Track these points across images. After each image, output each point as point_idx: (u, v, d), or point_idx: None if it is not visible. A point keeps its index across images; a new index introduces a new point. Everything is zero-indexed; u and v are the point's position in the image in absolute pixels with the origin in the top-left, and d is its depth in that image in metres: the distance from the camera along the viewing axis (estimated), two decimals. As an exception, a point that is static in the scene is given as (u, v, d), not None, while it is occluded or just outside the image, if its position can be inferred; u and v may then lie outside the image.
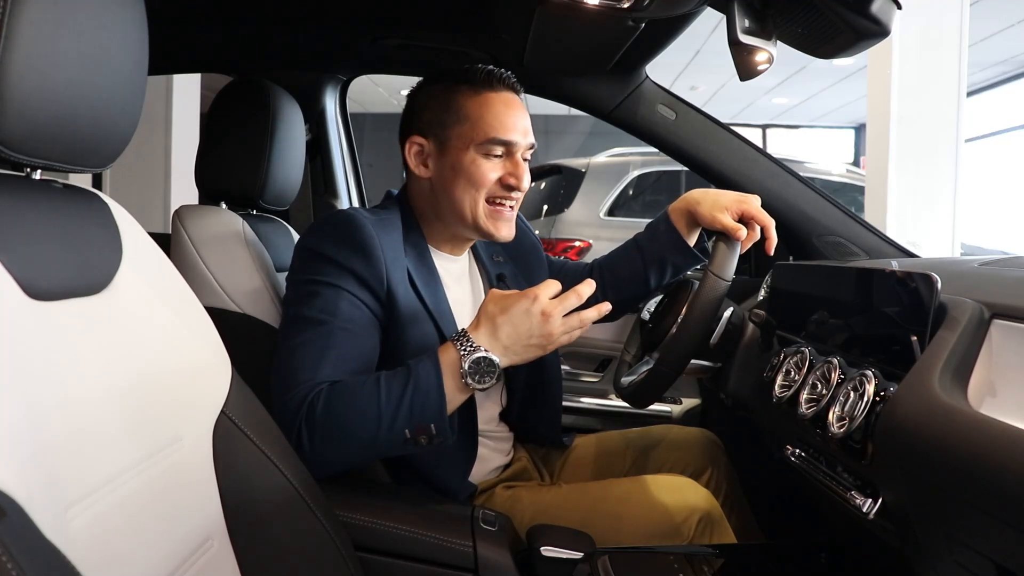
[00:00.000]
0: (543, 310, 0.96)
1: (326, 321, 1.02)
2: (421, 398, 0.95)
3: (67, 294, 0.60)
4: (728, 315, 1.30)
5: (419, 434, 0.95)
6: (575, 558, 0.97)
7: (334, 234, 1.08)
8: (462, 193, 1.13)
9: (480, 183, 1.12)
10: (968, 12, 3.34)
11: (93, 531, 0.55)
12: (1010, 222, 8.15)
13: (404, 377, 0.96)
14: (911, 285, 0.85)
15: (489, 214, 1.14)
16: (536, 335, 0.97)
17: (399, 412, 0.94)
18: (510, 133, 1.13)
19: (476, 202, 1.13)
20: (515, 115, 1.14)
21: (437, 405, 0.95)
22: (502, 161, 1.14)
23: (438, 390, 0.95)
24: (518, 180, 1.13)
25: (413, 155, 1.17)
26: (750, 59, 1.11)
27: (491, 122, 1.12)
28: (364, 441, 0.96)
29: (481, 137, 1.12)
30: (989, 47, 7.05)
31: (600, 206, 4.53)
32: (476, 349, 0.96)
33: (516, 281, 1.32)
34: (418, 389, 0.95)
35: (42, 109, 0.56)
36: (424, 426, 0.95)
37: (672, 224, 1.34)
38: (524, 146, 1.15)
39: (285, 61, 1.76)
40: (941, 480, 0.67)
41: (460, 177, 1.13)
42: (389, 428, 0.95)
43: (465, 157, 1.13)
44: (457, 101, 1.14)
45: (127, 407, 0.63)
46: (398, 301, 1.08)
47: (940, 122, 3.33)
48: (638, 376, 1.30)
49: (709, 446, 1.39)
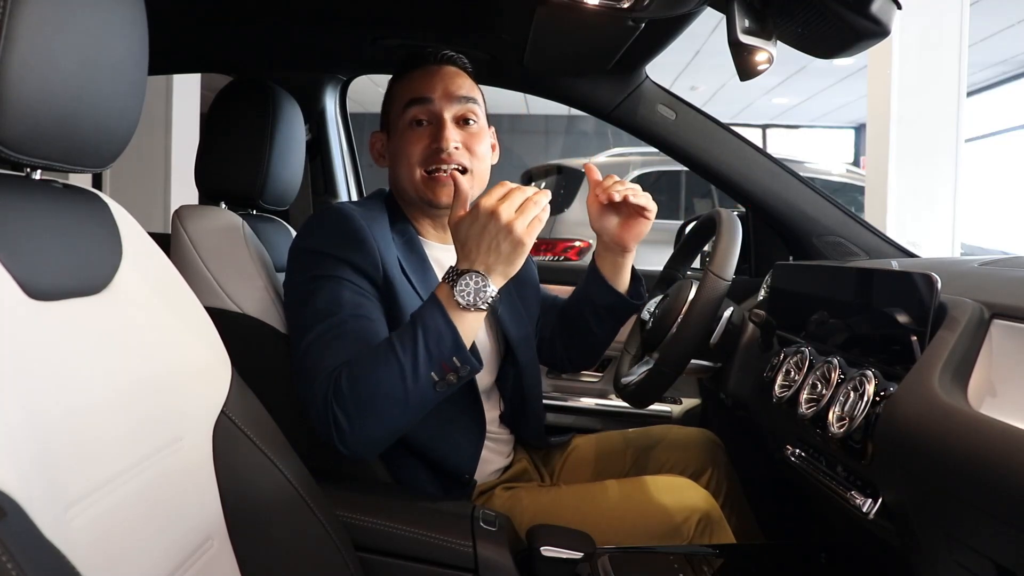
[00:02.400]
0: (490, 210, 0.94)
1: (335, 312, 1.03)
2: (434, 337, 0.95)
3: (67, 294, 0.60)
4: (728, 315, 1.30)
5: (446, 373, 0.95)
6: (575, 558, 0.97)
7: (324, 229, 1.10)
8: (401, 169, 1.18)
9: (409, 154, 1.16)
10: (968, 12, 3.34)
11: (93, 531, 0.55)
12: (1010, 222, 8.15)
13: (411, 326, 0.96)
14: (911, 285, 0.85)
15: (426, 182, 1.16)
16: (500, 236, 0.94)
17: (418, 358, 0.94)
18: (422, 91, 1.16)
19: (412, 174, 1.17)
20: (433, 78, 1.18)
21: (452, 336, 0.95)
22: (426, 128, 1.17)
23: (447, 322, 0.95)
24: (438, 142, 1.14)
25: (376, 150, 1.26)
26: (750, 59, 1.11)
27: (407, 89, 1.18)
28: (397, 399, 0.94)
29: (400, 106, 1.18)
30: (989, 47, 7.05)
31: (600, 206, 4.52)
32: (461, 273, 0.96)
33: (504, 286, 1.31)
34: (428, 329, 0.95)
35: (42, 109, 0.56)
36: (447, 363, 0.95)
37: (595, 268, 1.31)
38: (447, 106, 1.16)
39: (285, 61, 1.76)
40: (941, 480, 0.67)
41: (398, 155, 1.18)
42: (415, 377, 0.94)
43: (397, 135, 1.19)
44: (392, 86, 1.22)
45: (127, 407, 0.63)
46: (394, 285, 1.09)
47: (940, 122, 3.33)
48: (638, 376, 1.30)
49: (709, 446, 1.39)
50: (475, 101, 1.20)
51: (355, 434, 0.95)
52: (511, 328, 1.26)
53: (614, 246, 1.27)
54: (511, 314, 1.28)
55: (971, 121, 6.42)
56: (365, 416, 0.95)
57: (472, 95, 1.20)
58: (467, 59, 1.25)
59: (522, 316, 1.31)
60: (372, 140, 1.26)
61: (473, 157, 1.17)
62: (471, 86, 1.21)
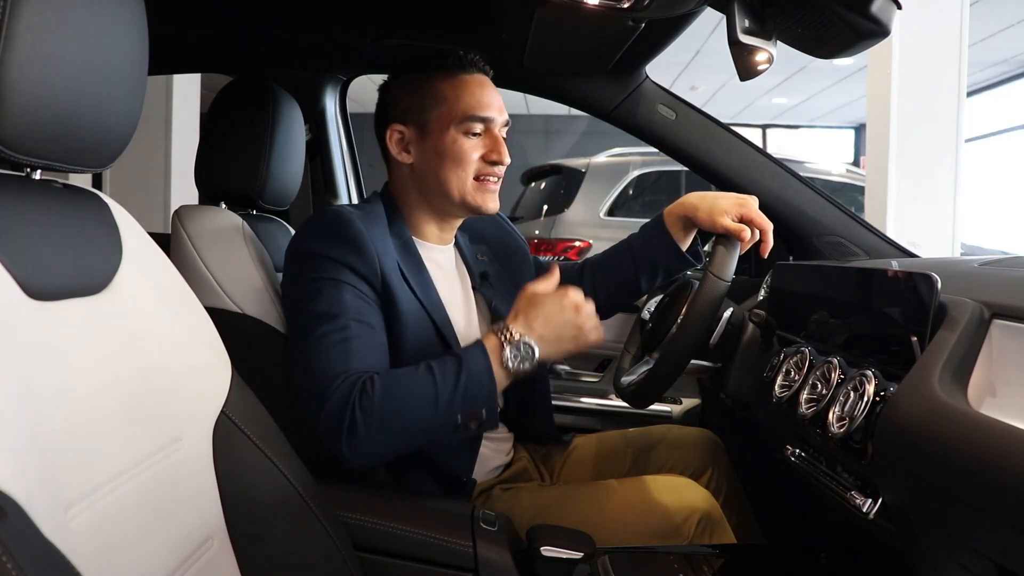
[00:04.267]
0: (575, 304, 1.04)
1: (338, 315, 1.04)
2: (475, 383, 1.00)
3: (67, 294, 0.60)
4: (728, 315, 1.30)
5: (470, 419, 1.00)
6: (575, 558, 0.97)
7: (324, 232, 1.10)
8: (449, 173, 1.17)
9: (465, 161, 1.17)
10: (968, 12, 3.33)
11: (93, 531, 0.55)
12: (1010, 222, 8.14)
13: (456, 364, 1.01)
14: (911, 285, 0.85)
15: (476, 189, 1.18)
16: (570, 326, 1.04)
17: (455, 397, 0.99)
18: (487, 110, 1.17)
19: (464, 180, 1.17)
20: (489, 93, 1.20)
21: (489, 389, 1.00)
22: (481, 139, 1.18)
23: (488, 374, 1.00)
24: (499, 155, 1.18)
25: (395, 143, 1.21)
26: (750, 59, 1.11)
27: (468, 100, 1.17)
28: (421, 425, 0.99)
29: (460, 116, 1.16)
30: (989, 47, 7.05)
31: (600, 206, 4.53)
32: (516, 335, 1.02)
33: (500, 280, 1.33)
34: (471, 375, 1.00)
35: (42, 109, 0.56)
36: (476, 410, 1.00)
37: (666, 228, 1.33)
38: (500, 122, 1.20)
39: (285, 61, 1.76)
40: (941, 480, 0.67)
41: (445, 158, 1.17)
42: (445, 412, 0.99)
43: (447, 137, 1.17)
44: (434, 85, 1.19)
45: (127, 407, 0.63)
46: (393, 291, 1.09)
47: (940, 122, 3.33)
48: (638, 376, 1.30)
49: (709, 446, 1.39)
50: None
51: (368, 441, 0.97)
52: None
53: (694, 222, 1.31)
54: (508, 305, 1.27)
55: (971, 121, 6.41)
56: (385, 428, 0.98)
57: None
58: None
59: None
60: (390, 134, 1.20)
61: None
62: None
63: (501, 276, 1.35)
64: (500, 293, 1.30)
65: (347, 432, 0.97)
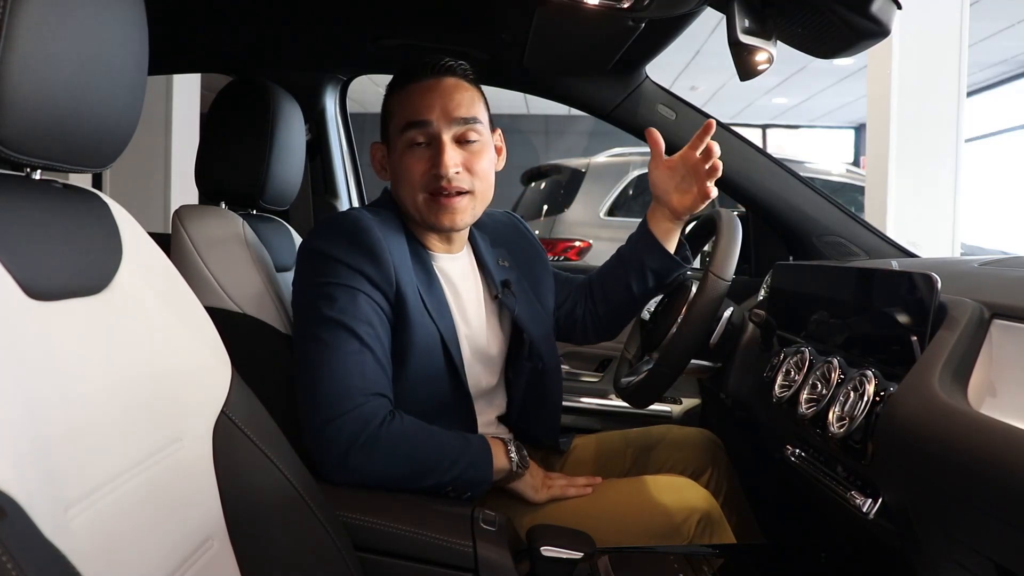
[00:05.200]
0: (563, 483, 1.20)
1: (352, 324, 1.03)
2: (481, 467, 1.08)
3: (67, 294, 0.60)
4: (728, 315, 1.30)
5: (460, 492, 1.07)
6: (575, 558, 0.97)
7: (342, 237, 1.08)
8: (403, 191, 1.15)
9: (410, 179, 1.12)
10: (968, 12, 3.33)
11: (93, 531, 0.55)
12: (1010, 222, 8.14)
13: (481, 441, 1.11)
14: (911, 285, 0.85)
15: (428, 204, 1.12)
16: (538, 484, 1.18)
17: (457, 464, 1.05)
18: (423, 113, 1.10)
19: (415, 198, 1.13)
20: (431, 96, 1.11)
21: (484, 480, 1.08)
22: (426, 149, 1.12)
23: (489, 469, 1.09)
24: (437, 167, 1.10)
25: (377, 160, 1.21)
26: (750, 59, 1.11)
27: (407, 109, 1.13)
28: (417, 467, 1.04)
29: (400, 128, 1.13)
30: (989, 47, 7.05)
31: (600, 206, 4.54)
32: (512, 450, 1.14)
33: (520, 286, 1.29)
34: (481, 456, 1.09)
35: (42, 109, 0.56)
36: (465, 487, 1.06)
37: (648, 229, 1.32)
38: (445, 127, 1.11)
39: (285, 61, 1.76)
40: (941, 480, 0.67)
41: (399, 176, 1.15)
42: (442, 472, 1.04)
43: (395, 154, 1.15)
44: (389, 100, 1.17)
45: (127, 407, 0.63)
46: (406, 302, 1.08)
47: (940, 122, 3.33)
48: (638, 376, 1.30)
49: (709, 446, 1.39)
50: (475, 120, 1.13)
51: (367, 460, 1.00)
52: (531, 327, 1.24)
53: (669, 212, 1.29)
54: (530, 313, 1.27)
55: (971, 121, 6.41)
56: (389, 456, 1.02)
57: (472, 113, 1.13)
58: (467, 60, 1.20)
59: (540, 315, 1.31)
60: (373, 151, 1.21)
61: (474, 177, 1.13)
62: (472, 99, 1.15)
63: (522, 282, 1.31)
64: (523, 302, 1.26)
65: (349, 445, 0.99)
